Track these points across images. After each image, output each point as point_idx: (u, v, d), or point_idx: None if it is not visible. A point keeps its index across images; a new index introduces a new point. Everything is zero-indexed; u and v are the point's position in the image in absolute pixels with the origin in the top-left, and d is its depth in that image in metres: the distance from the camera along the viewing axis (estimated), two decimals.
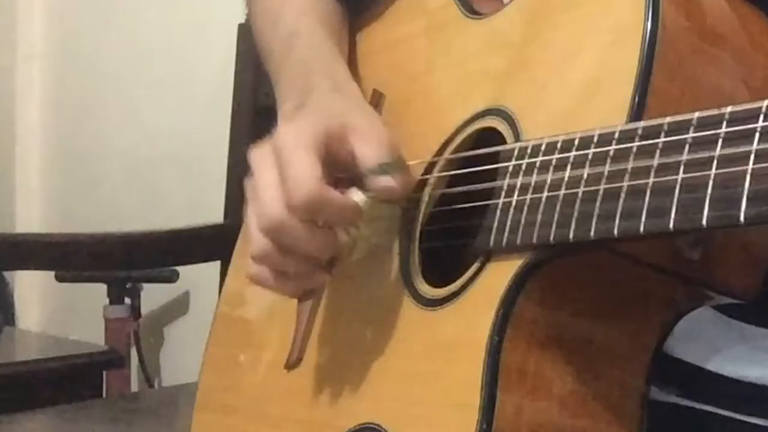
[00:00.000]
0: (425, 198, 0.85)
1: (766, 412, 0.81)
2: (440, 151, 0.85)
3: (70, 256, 1.70)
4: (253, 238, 0.83)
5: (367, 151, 0.81)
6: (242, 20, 1.67)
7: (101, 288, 2.19)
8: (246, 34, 1.69)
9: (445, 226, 0.84)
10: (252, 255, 0.84)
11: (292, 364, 0.89)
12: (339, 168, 0.82)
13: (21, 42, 2.55)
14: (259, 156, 0.83)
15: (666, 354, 0.77)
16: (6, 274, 2.45)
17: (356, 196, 0.81)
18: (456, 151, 0.84)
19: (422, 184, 0.85)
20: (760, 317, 0.80)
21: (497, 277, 0.73)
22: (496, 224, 0.74)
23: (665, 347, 0.76)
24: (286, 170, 0.79)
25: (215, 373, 1.05)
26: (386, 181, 0.81)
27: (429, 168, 0.86)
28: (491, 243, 0.74)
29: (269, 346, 0.97)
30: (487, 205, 0.76)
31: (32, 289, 2.50)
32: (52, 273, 2.26)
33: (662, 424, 0.77)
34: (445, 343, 0.77)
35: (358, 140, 0.82)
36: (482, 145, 0.81)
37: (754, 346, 0.81)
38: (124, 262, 1.86)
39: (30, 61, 2.56)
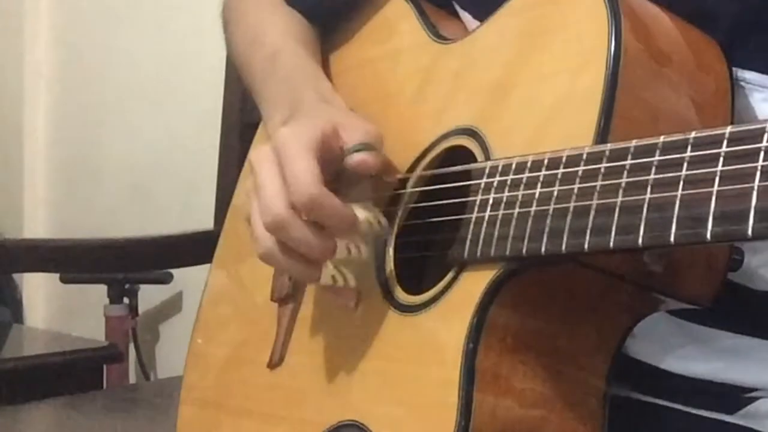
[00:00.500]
0: (399, 211, 0.82)
1: (711, 405, 0.81)
2: (412, 168, 0.83)
3: (73, 260, 1.69)
4: (258, 237, 0.78)
5: (353, 136, 0.80)
6: None
7: (102, 288, 2.17)
8: None
9: (418, 239, 0.81)
10: (258, 254, 0.79)
11: (274, 364, 0.87)
12: (334, 165, 0.80)
13: (28, 62, 2.52)
14: (260, 156, 0.79)
15: (622, 353, 0.75)
16: (15, 275, 2.43)
17: (358, 212, 0.78)
18: (427, 167, 0.82)
19: (396, 198, 0.83)
20: (706, 318, 0.78)
21: (472, 285, 0.71)
22: (470, 237, 0.72)
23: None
24: (286, 169, 0.76)
25: (199, 369, 1.01)
26: (359, 156, 0.79)
27: (402, 183, 0.83)
28: (466, 254, 0.72)
29: (252, 344, 0.93)
30: (461, 218, 0.74)
31: (38, 290, 2.48)
32: (57, 275, 2.24)
33: (617, 417, 0.75)
34: (423, 346, 0.74)
35: (345, 132, 0.80)
36: (451, 162, 0.78)
37: (701, 345, 0.79)
38: (123, 265, 1.85)
39: (37, 80, 2.53)
